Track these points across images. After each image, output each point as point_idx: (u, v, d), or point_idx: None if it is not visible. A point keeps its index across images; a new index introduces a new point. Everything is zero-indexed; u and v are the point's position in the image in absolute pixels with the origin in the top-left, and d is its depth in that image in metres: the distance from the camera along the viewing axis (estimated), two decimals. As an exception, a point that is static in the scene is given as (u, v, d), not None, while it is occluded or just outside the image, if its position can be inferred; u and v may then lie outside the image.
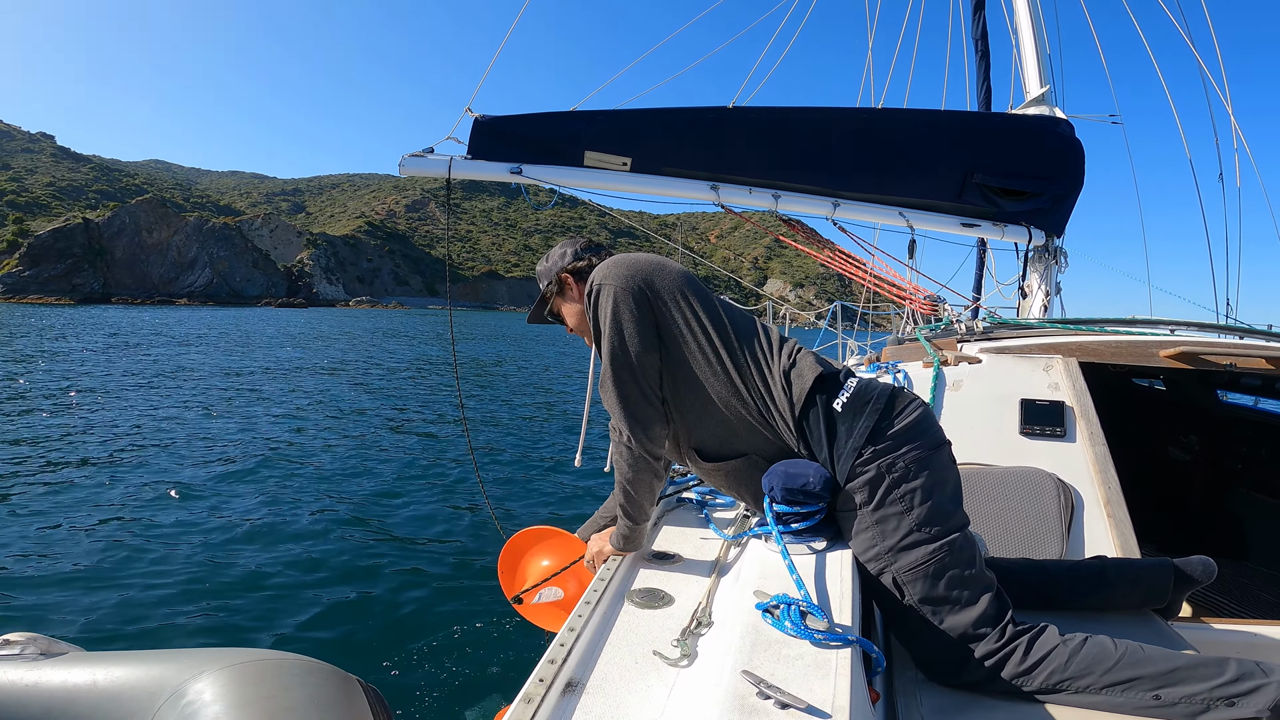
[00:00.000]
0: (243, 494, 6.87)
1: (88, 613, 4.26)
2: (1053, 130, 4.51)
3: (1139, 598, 1.73)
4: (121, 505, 6.38)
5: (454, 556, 5.49)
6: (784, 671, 1.01)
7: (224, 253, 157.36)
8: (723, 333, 1.56)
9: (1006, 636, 1.36)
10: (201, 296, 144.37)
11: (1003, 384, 2.66)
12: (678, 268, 1.64)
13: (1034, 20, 5.41)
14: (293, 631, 4.17)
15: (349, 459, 8.60)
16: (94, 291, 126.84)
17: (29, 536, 5.46)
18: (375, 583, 4.88)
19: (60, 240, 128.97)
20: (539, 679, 1.10)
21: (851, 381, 1.53)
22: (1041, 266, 4.87)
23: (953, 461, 1.51)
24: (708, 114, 3.98)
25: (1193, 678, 1.28)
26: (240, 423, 10.71)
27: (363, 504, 6.76)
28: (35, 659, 0.79)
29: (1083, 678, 1.31)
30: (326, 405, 12.87)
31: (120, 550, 5.25)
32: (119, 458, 8.12)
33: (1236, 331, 4.13)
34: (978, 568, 1.41)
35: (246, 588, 4.69)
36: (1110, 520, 2.28)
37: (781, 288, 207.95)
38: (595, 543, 1.75)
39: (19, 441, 8.75)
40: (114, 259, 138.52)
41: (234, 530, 5.73)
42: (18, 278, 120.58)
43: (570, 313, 1.83)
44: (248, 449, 8.87)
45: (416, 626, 4.27)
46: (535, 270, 1.87)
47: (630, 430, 1.54)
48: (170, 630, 4.11)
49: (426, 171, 3.68)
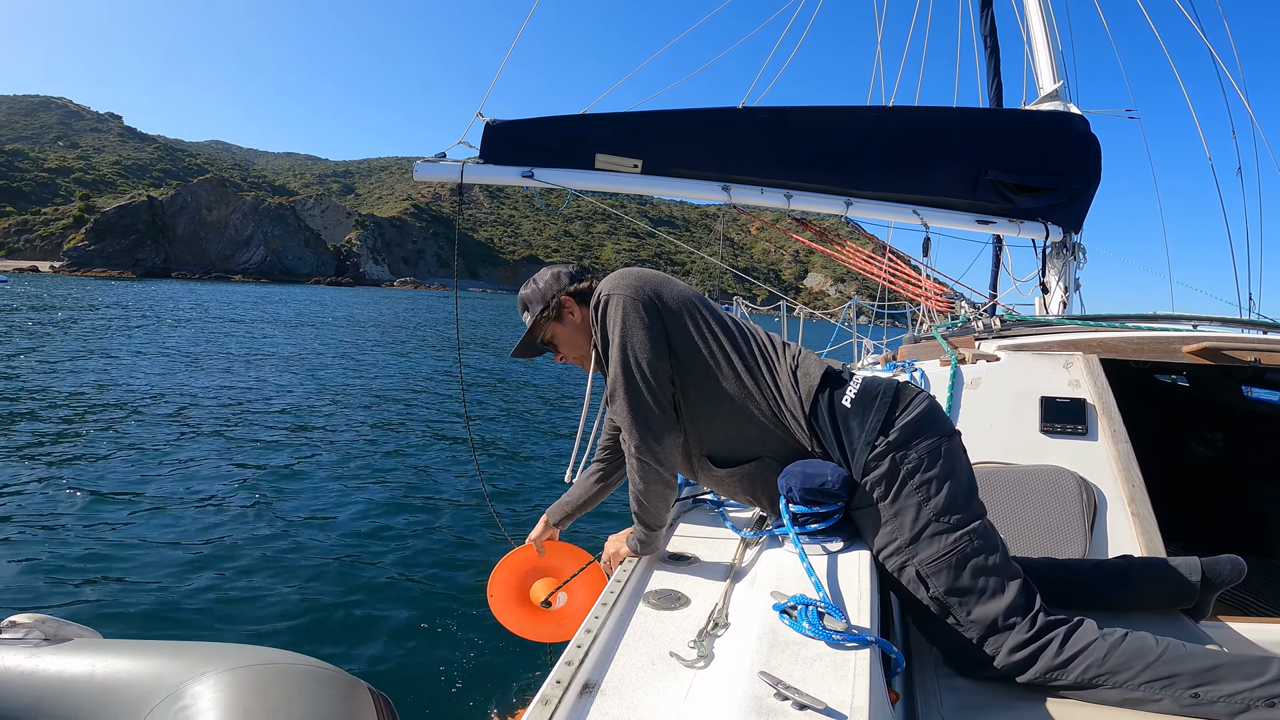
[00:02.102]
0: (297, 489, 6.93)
1: (128, 583, 4.44)
2: (1068, 126, 4.46)
3: (1165, 597, 1.69)
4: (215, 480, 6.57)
5: (472, 557, 5.51)
6: (802, 672, 1.00)
7: (278, 231, 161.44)
8: (731, 336, 1.57)
9: (1039, 626, 1.33)
10: (255, 273, 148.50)
11: (1022, 382, 2.63)
12: (684, 284, 1.66)
13: (1045, 15, 5.36)
14: (302, 624, 4.20)
15: (378, 458, 8.65)
16: (155, 266, 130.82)
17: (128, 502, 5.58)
18: (390, 582, 4.91)
19: (125, 217, 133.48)
20: (556, 681, 1.09)
21: (857, 378, 1.55)
22: (1059, 263, 4.82)
23: (964, 451, 1.50)
24: (717, 115, 3.97)
25: (1234, 676, 1.24)
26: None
27: (381, 503, 6.79)
28: (38, 644, 0.77)
29: (1121, 673, 1.28)
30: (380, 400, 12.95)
31: (168, 525, 5.40)
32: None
33: (1260, 326, 4.06)
34: (1001, 556, 1.39)
35: (249, 577, 4.73)
36: (1134, 519, 2.24)
37: (822, 282, 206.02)
38: (612, 544, 1.75)
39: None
40: (175, 235, 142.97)
41: (271, 523, 5.78)
42: (83, 251, 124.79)
43: (566, 339, 1.75)
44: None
45: (431, 628, 4.28)
46: (520, 297, 1.78)
47: (641, 439, 1.52)
48: (183, 614, 4.22)
49: (440, 177, 3.71)
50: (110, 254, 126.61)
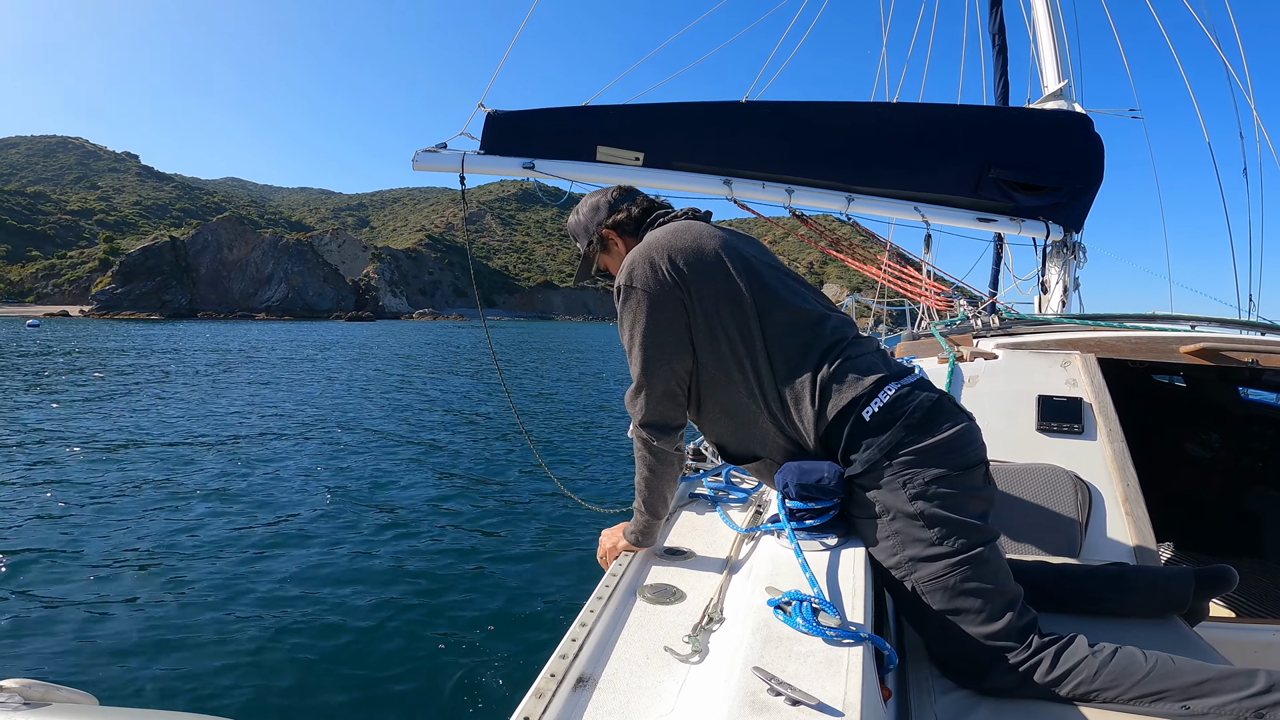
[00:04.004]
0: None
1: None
2: (1071, 125, 4.44)
3: (1158, 604, 1.70)
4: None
5: (465, 553, 5.52)
6: (795, 668, 1.00)
7: (297, 268, 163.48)
8: (749, 340, 1.49)
9: (1033, 648, 1.34)
10: (278, 311, 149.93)
11: (1020, 380, 2.63)
12: (714, 257, 1.52)
13: (1051, 14, 5.33)
14: (312, 618, 4.21)
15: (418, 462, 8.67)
16: (181, 307, 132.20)
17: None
18: (383, 578, 4.92)
19: (150, 258, 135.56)
20: (551, 674, 1.10)
21: (890, 389, 1.43)
22: (1060, 262, 4.81)
23: (987, 481, 1.46)
24: (720, 109, 3.95)
25: (1222, 689, 1.25)
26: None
27: (420, 504, 6.80)
28: (15, 708, 0.75)
29: (1111, 689, 1.29)
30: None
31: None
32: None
33: (1259, 328, 4.06)
34: (1001, 581, 1.38)
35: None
36: (1129, 518, 2.25)
37: (839, 292, 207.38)
38: (608, 538, 1.74)
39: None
40: (198, 275, 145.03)
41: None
42: (111, 295, 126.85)
43: (616, 269, 1.73)
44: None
45: (428, 622, 4.29)
46: (568, 226, 1.83)
47: (649, 427, 1.53)
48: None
49: (440, 166, 3.68)
50: (137, 296, 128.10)
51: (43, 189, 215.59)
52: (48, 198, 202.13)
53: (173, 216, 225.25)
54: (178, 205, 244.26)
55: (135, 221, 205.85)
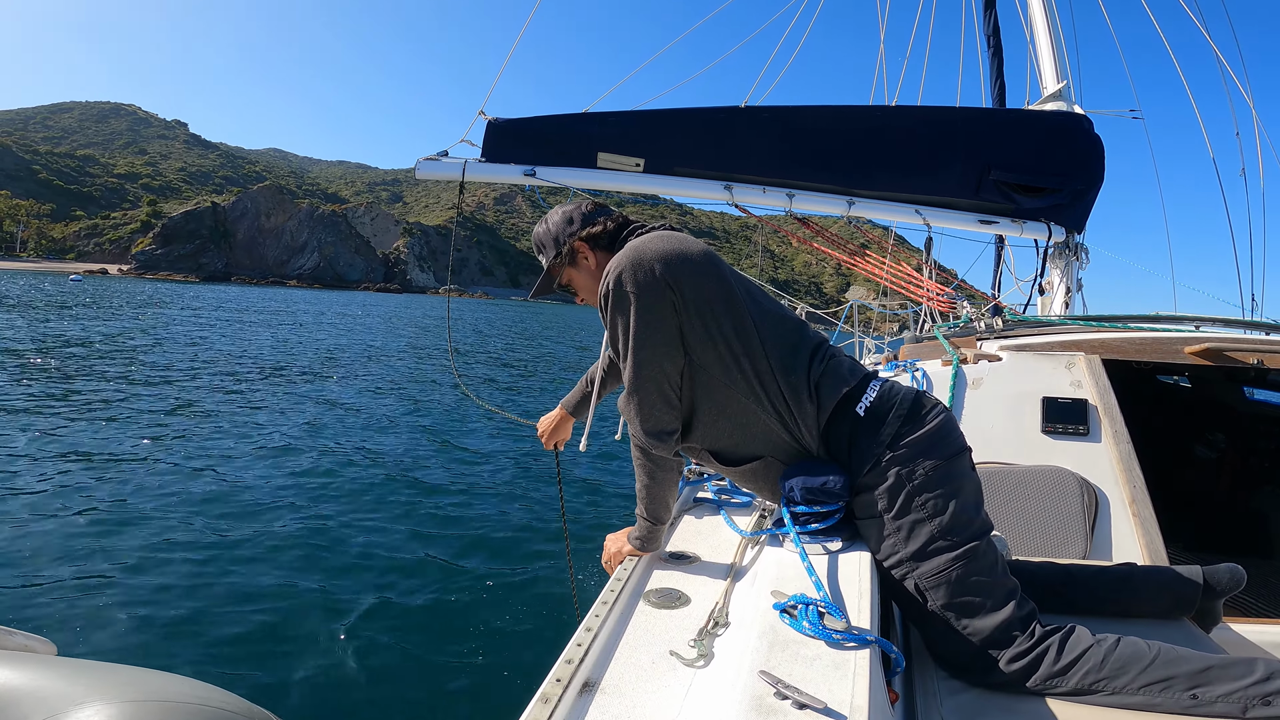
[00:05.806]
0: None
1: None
2: (1071, 126, 4.45)
3: (1166, 605, 1.69)
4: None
5: (473, 556, 5.51)
6: (802, 672, 1.00)
7: (330, 238, 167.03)
8: (746, 338, 1.50)
9: (1036, 637, 1.35)
10: (309, 279, 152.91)
11: (1024, 382, 2.62)
12: (701, 259, 1.52)
13: (1049, 15, 5.35)
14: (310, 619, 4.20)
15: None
16: (217, 270, 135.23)
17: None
18: (389, 579, 4.91)
19: (191, 222, 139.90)
20: (556, 679, 1.09)
21: (875, 385, 1.51)
22: (1062, 263, 4.81)
23: (972, 468, 1.49)
24: (719, 114, 3.97)
25: (1226, 676, 1.27)
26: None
27: (415, 497, 6.80)
28: None
29: (1118, 677, 1.30)
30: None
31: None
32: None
33: (1262, 327, 4.05)
34: (1000, 573, 1.40)
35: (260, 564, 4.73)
36: (1135, 519, 2.24)
37: (865, 295, 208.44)
38: (612, 543, 1.73)
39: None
40: (235, 241, 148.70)
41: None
42: (150, 255, 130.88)
43: (583, 284, 1.72)
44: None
45: (431, 625, 4.28)
46: (534, 236, 1.76)
47: (646, 435, 1.52)
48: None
49: (442, 174, 3.70)
50: (176, 258, 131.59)
51: (92, 153, 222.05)
52: (96, 160, 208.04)
53: (215, 183, 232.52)
54: (220, 173, 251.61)
55: (179, 187, 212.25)
